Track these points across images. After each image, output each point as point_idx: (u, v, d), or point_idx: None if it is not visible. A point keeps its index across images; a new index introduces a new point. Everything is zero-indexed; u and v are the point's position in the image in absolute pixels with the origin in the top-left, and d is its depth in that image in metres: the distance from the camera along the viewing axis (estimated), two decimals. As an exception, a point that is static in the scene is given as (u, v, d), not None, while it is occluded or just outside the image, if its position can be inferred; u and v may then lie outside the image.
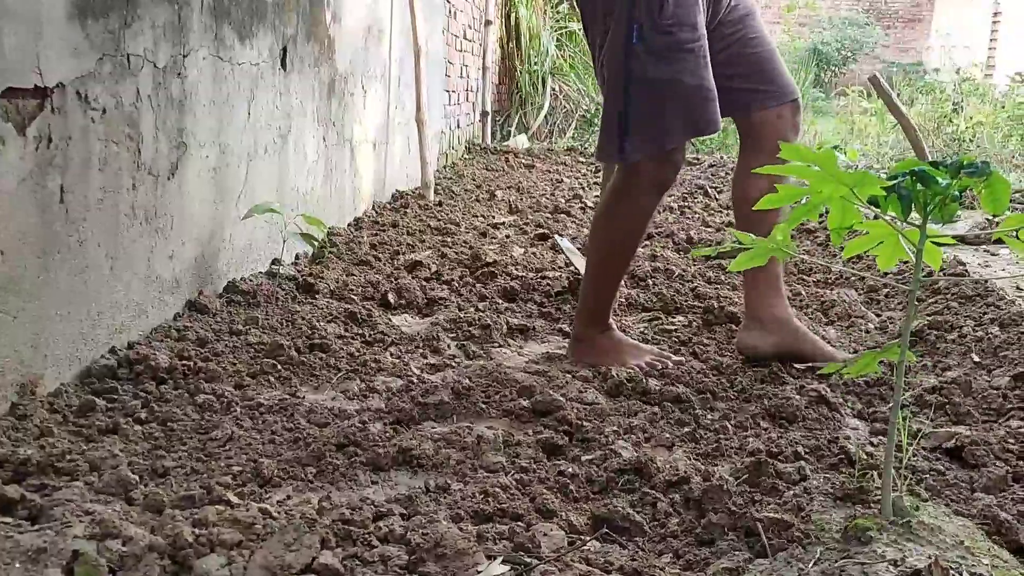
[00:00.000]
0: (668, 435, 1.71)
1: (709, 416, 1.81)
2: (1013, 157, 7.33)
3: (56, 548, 1.06)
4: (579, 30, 8.46)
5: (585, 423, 1.72)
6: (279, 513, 1.27)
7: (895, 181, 1.12)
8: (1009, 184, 1.17)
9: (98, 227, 1.75)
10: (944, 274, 2.93)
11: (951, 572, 1.11)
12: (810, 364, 2.11)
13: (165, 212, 2.03)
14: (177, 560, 1.11)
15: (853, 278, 3.03)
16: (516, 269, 2.97)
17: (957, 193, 1.12)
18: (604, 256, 2.17)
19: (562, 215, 4.11)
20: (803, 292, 2.94)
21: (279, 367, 1.94)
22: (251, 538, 1.16)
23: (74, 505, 1.21)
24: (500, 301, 2.64)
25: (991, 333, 2.31)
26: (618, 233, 2.14)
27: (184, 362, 1.87)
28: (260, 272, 2.64)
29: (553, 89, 8.15)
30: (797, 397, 1.91)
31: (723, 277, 3.04)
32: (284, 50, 2.68)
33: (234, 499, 1.31)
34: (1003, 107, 8.34)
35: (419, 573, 1.15)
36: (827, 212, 1.24)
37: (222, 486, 1.36)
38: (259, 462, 1.46)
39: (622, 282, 2.44)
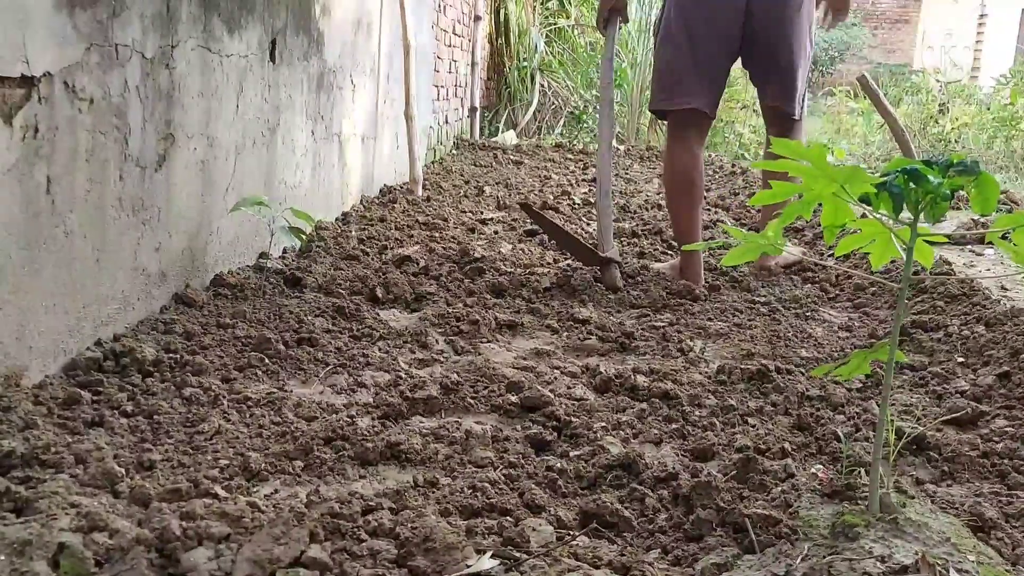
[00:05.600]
0: (656, 431, 1.71)
1: (697, 412, 1.81)
2: (998, 158, 7.39)
3: (42, 541, 1.05)
4: (568, 27, 8.48)
5: (574, 418, 1.72)
6: (267, 506, 1.26)
7: (886, 178, 1.13)
8: (998, 184, 1.18)
9: (85, 218, 1.74)
10: (931, 273, 2.94)
11: (937, 568, 1.11)
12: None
13: (152, 204, 2.01)
14: (164, 553, 1.10)
15: (841, 277, 3.04)
16: (504, 265, 2.96)
17: (948, 192, 1.13)
18: None
19: (550, 211, 4.11)
20: (790, 290, 2.95)
21: (266, 361, 1.93)
22: (239, 531, 1.16)
23: (60, 498, 1.20)
24: (488, 296, 2.64)
25: (977, 332, 2.33)
26: None
27: (171, 355, 1.86)
28: (248, 265, 2.63)
29: (542, 85, 8.15)
30: (785, 394, 1.92)
31: (711, 274, 3.05)
32: (273, 43, 2.67)
33: (222, 492, 1.30)
34: (988, 108, 8.41)
35: (408, 567, 1.15)
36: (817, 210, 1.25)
37: (209, 479, 1.35)
38: (247, 456, 1.45)
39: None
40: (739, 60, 3.00)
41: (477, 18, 7.01)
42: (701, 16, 2.84)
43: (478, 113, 7.30)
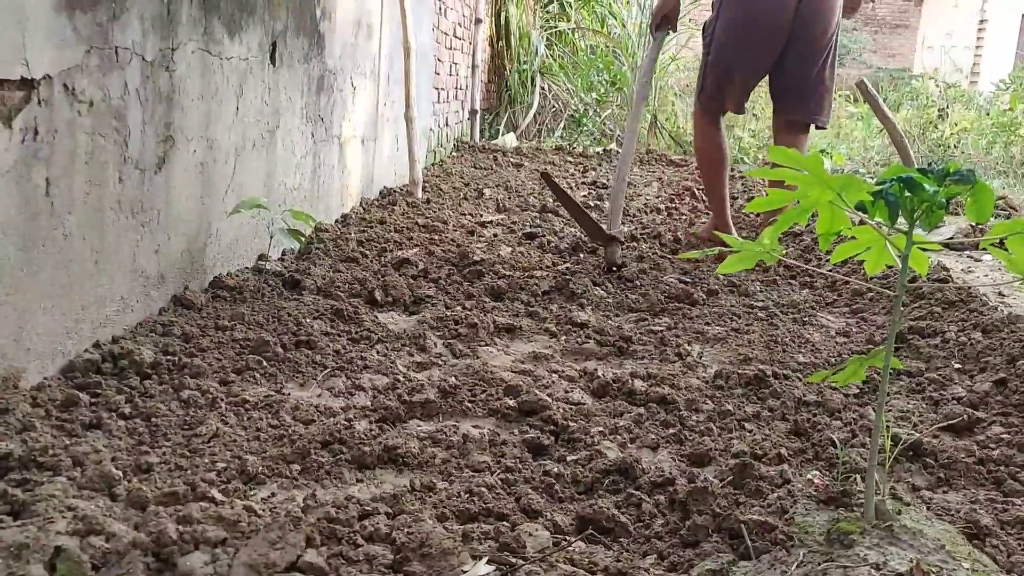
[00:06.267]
0: (653, 436, 1.71)
1: (694, 417, 1.82)
2: (997, 164, 7.40)
3: (38, 544, 1.05)
4: (569, 30, 8.50)
5: (571, 423, 1.73)
6: (264, 511, 1.26)
7: (882, 187, 1.13)
8: (993, 193, 1.18)
9: (83, 220, 1.74)
10: (928, 280, 2.95)
11: (932, 576, 1.12)
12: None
13: (151, 206, 2.02)
14: (161, 557, 1.10)
15: (839, 283, 3.05)
16: (503, 268, 2.96)
17: (943, 200, 1.13)
18: None
19: (549, 214, 4.11)
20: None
21: (264, 363, 1.94)
22: (236, 536, 1.16)
23: (57, 501, 1.20)
24: (487, 300, 2.64)
25: (974, 339, 2.33)
26: None
27: (169, 357, 1.86)
28: (247, 267, 2.63)
29: (542, 88, 8.15)
30: (782, 400, 1.92)
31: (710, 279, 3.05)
32: (273, 45, 2.67)
33: (219, 496, 1.30)
34: (987, 114, 8.41)
35: (404, 572, 1.15)
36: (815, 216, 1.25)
37: (207, 483, 1.35)
38: (244, 459, 1.45)
39: (611, 281, 2.97)
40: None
41: (478, 20, 7.01)
42: (758, 31, 3.28)
43: (478, 115, 7.30)
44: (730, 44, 3.34)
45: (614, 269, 3.09)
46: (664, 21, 3.51)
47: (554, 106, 8.30)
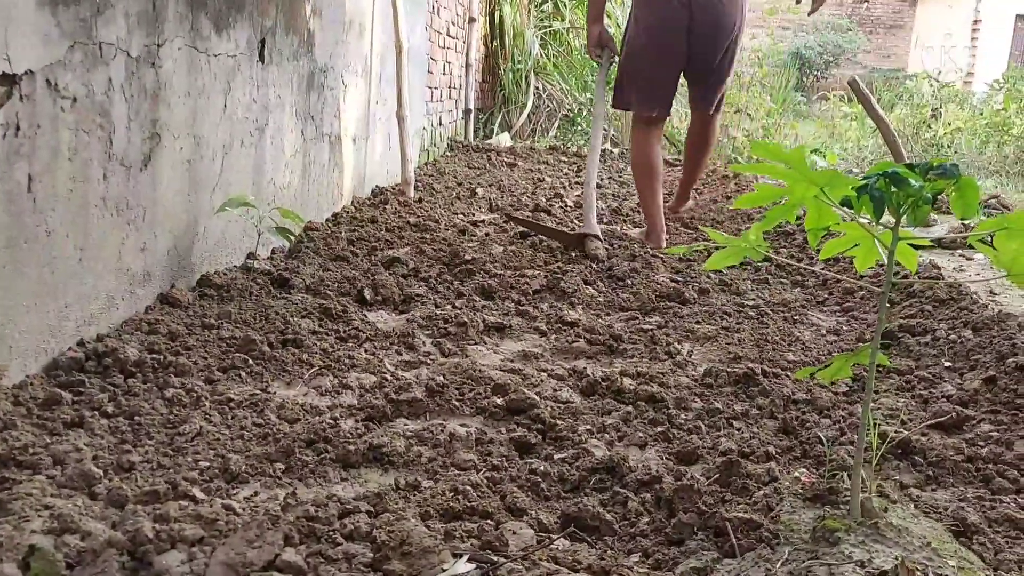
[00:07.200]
0: (641, 434, 1.70)
1: (683, 416, 1.81)
2: (990, 163, 7.40)
3: (12, 542, 1.04)
4: (563, 29, 8.49)
5: (559, 421, 1.72)
6: (244, 509, 1.25)
7: (867, 181, 1.12)
8: (978, 188, 1.17)
9: (67, 218, 1.72)
10: (918, 277, 2.94)
11: (917, 573, 1.11)
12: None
13: (137, 203, 2.00)
14: (136, 556, 1.09)
15: (830, 281, 3.04)
16: (495, 267, 2.95)
17: (929, 195, 1.12)
18: None
19: (543, 214, 4.10)
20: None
21: (251, 362, 1.92)
22: (213, 534, 1.15)
23: (34, 499, 1.19)
24: (477, 299, 2.63)
25: (964, 336, 2.33)
26: None
27: (154, 355, 1.84)
28: (235, 266, 2.61)
29: (536, 88, 8.14)
30: (771, 398, 1.91)
31: (700, 276, 3.04)
32: (262, 42, 2.66)
33: (199, 495, 1.29)
34: (981, 113, 8.42)
35: (383, 571, 1.14)
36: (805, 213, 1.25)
37: (188, 481, 1.34)
38: (227, 458, 1.44)
39: (602, 280, 2.99)
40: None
41: (472, 20, 6.99)
42: (659, 40, 3.54)
43: (472, 115, 7.28)
44: (646, 49, 3.57)
45: (603, 263, 3.11)
46: (602, 48, 3.73)
47: (548, 106, 8.29)
